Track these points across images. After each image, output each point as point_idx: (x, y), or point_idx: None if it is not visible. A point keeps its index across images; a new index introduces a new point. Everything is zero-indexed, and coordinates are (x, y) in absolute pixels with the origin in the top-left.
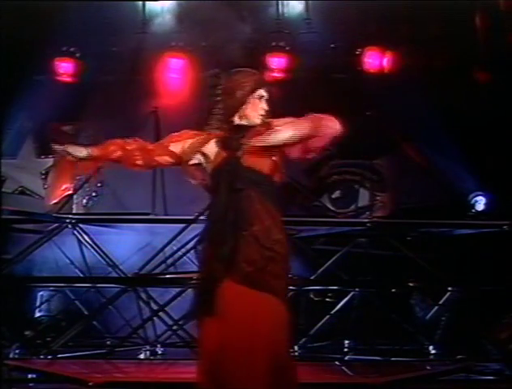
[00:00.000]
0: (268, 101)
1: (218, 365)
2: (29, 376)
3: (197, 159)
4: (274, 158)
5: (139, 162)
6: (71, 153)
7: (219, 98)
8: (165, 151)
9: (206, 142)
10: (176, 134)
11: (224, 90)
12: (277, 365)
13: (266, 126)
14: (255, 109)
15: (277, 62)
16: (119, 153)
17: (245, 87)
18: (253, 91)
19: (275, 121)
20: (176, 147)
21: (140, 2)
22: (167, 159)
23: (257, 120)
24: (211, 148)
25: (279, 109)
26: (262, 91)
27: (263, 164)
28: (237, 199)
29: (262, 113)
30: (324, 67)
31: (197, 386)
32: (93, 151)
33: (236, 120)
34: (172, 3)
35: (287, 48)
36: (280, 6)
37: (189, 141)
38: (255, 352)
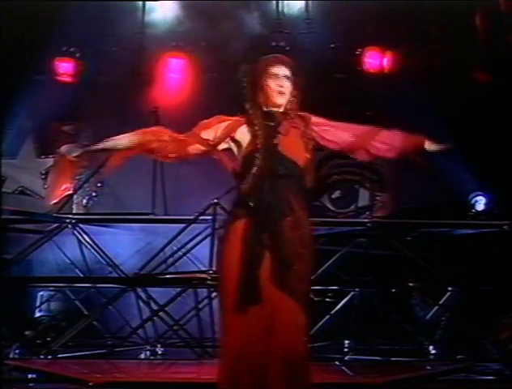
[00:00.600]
0: (287, 77)
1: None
2: (29, 376)
3: (227, 144)
4: (307, 154)
5: (172, 155)
6: (113, 147)
7: (244, 89)
8: (197, 139)
9: (237, 127)
10: (206, 121)
11: (245, 81)
12: (290, 364)
13: (303, 120)
14: (271, 93)
15: None
16: (155, 144)
17: (253, 75)
18: (261, 75)
19: (313, 118)
20: (208, 134)
21: (140, 2)
22: (199, 147)
23: (279, 100)
24: (243, 134)
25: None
26: (273, 70)
27: (299, 157)
28: (275, 186)
29: (280, 89)
30: (324, 67)
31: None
32: (133, 139)
33: (263, 107)
34: (172, 3)
35: (287, 48)
36: (280, 6)
37: (222, 126)
38: (268, 351)
